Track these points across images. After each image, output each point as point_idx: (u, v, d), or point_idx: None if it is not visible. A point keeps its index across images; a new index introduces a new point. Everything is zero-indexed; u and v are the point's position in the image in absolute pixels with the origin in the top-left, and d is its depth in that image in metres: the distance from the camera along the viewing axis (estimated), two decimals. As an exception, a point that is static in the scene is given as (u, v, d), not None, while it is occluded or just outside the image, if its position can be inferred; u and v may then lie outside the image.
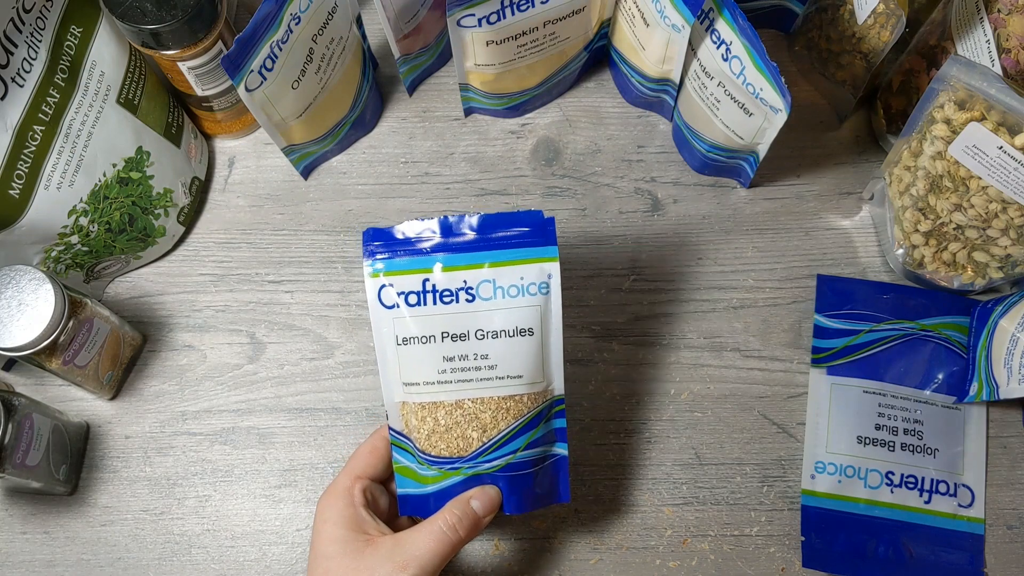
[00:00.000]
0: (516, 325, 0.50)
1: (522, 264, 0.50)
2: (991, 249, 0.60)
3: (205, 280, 0.67)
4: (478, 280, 0.50)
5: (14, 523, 0.61)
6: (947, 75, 0.54)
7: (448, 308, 0.50)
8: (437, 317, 0.50)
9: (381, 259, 0.50)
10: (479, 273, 0.50)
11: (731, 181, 0.69)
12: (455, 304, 0.50)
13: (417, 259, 0.50)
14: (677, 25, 0.59)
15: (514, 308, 0.50)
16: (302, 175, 0.69)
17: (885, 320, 0.64)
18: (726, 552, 0.60)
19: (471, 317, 0.50)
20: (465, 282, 0.50)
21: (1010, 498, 0.61)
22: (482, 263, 0.50)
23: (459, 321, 0.50)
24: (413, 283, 0.50)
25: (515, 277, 0.50)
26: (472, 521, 0.49)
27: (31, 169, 0.55)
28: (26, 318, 0.54)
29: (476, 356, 0.50)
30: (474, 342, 0.50)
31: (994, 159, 0.54)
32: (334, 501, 0.50)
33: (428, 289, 0.50)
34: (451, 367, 0.50)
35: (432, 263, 0.50)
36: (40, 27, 0.56)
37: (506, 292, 0.50)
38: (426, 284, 0.50)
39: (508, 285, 0.50)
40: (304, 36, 0.58)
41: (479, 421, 0.50)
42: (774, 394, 0.64)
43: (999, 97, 0.53)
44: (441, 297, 0.50)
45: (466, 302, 0.50)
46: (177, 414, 0.64)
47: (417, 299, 0.50)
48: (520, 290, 0.50)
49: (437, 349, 0.50)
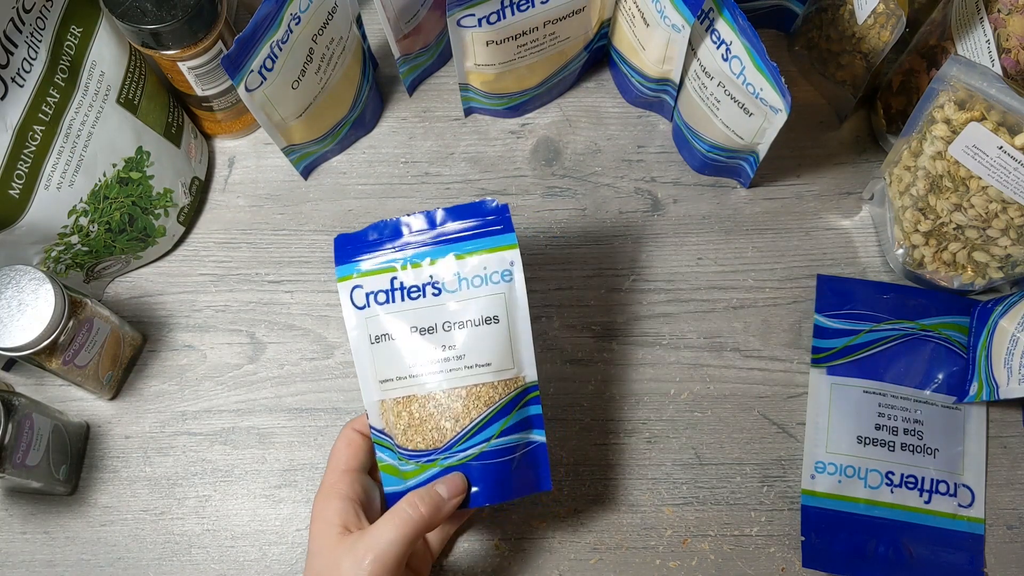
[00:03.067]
0: (482, 314, 0.52)
1: (484, 254, 0.52)
2: (991, 249, 0.60)
3: (205, 280, 0.67)
4: (442, 273, 0.52)
5: (14, 523, 0.61)
6: (947, 75, 0.54)
7: (416, 303, 0.52)
8: (406, 312, 0.52)
9: (351, 262, 0.52)
10: (443, 266, 0.52)
11: (731, 181, 0.69)
12: (422, 299, 0.52)
13: (384, 259, 0.52)
14: (677, 25, 0.59)
15: (479, 298, 0.52)
16: (302, 175, 0.69)
17: (885, 320, 0.64)
18: (726, 552, 0.60)
19: (438, 310, 0.52)
20: (431, 277, 0.52)
21: (1010, 498, 0.61)
22: (445, 255, 0.52)
23: (427, 315, 0.52)
24: (382, 283, 0.52)
25: (478, 267, 0.52)
26: (434, 500, 0.50)
27: (31, 169, 0.55)
28: (26, 318, 0.54)
29: (445, 347, 0.51)
30: (442, 334, 0.51)
31: (994, 159, 0.54)
32: (322, 500, 0.51)
33: (396, 287, 0.52)
34: (421, 360, 0.51)
35: (398, 262, 0.52)
36: (40, 27, 0.56)
37: (470, 283, 0.52)
38: (394, 282, 0.52)
39: (472, 276, 0.52)
40: (304, 36, 0.58)
41: (451, 411, 0.51)
42: (774, 394, 0.64)
43: (999, 97, 0.53)
44: (408, 293, 0.52)
45: (432, 296, 0.52)
46: (177, 414, 0.64)
47: (386, 297, 0.52)
48: (483, 279, 0.52)
49: (407, 343, 0.52)
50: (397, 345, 0.52)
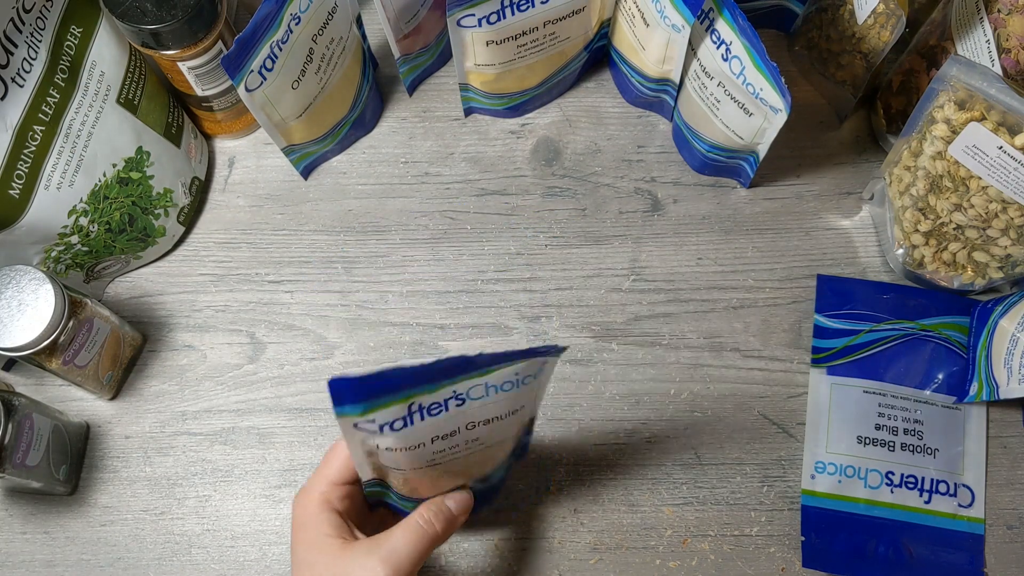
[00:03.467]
0: (510, 410, 0.47)
1: (517, 364, 0.45)
2: (991, 249, 0.60)
3: (205, 280, 0.67)
4: (468, 387, 0.44)
5: (14, 523, 0.61)
6: (947, 75, 0.54)
7: (437, 419, 0.45)
8: (425, 427, 0.45)
9: (359, 403, 0.42)
10: (470, 383, 0.44)
11: (731, 181, 0.69)
12: (444, 413, 0.45)
13: (402, 391, 0.43)
14: (677, 25, 0.59)
15: (507, 398, 0.46)
16: (302, 175, 0.69)
17: (885, 320, 0.64)
18: (726, 552, 0.60)
19: (460, 416, 0.45)
20: (455, 392, 0.44)
21: (1010, 498, 0.61)
22: (474, 375, 0.44)
23: (448, 423, 0.45)
24: (399, 411, 0.43)
25: (510, 375, 0.45)
26: (447, 517, 0.49)
27: (31, 169, 0.55)
28: (26, 318, 0.54)
29: (467, 443, 0.47)
30: (464, 433, 0.46)
31: (994, 159, 0.54)
32: (312, 509, 0.48)
33: (415, 411, 0.44)
34: (438, 459, 0.47)
35: (421, 390, 0.43)
36: (40, 27, 0.56)
37: (499, 389, 0.45)
38: (411, 407, 0.44)
39: (502, 383, 0.45)
40: (304, 36, 0.58)
41: (460, 475, 0.50)
42: (774, 394, 0.64)
43: (999, 97, 0.53)
44: (429, 411, 0.44)
45: (456, 407, 0.45)
46: (177, 414, 0.64)
47: (404, 423, 0.44)
48: (514, 384, 0.46)
49: (423, 450, 0.46)
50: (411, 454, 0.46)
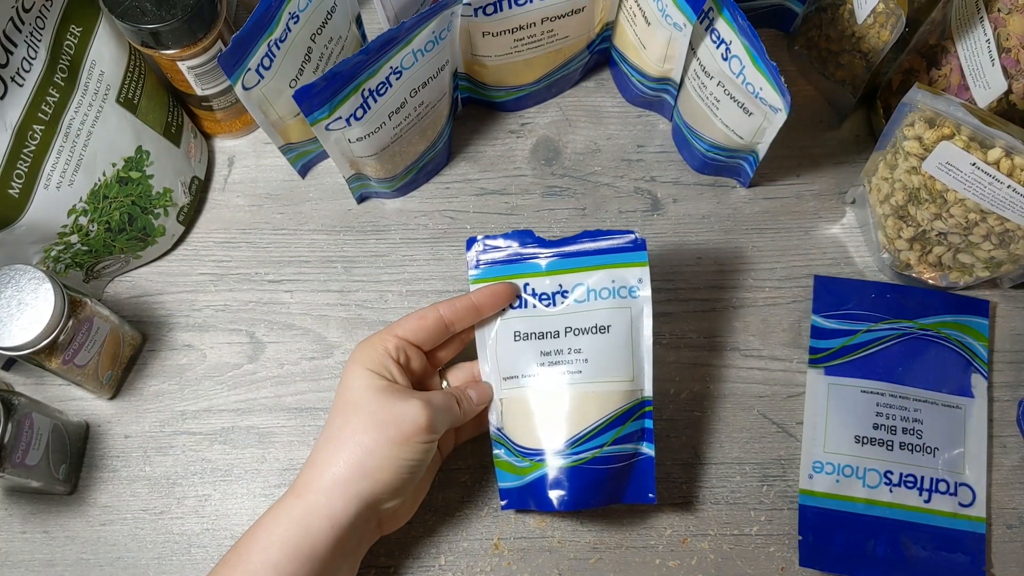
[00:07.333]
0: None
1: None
2: (975, 252, 0.60)
3: (205, 279, 0.67)
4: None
5: (14, 523, 0.61)
6: (913, 99, 0.55)
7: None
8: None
9: (324, 106, 0.54)
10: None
11: (731, 181, 0.69)
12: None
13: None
14: (679, 24, 0.59)
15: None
16: (299, 173, 0.69)
17: (882, 320, 0.64)
18: (726, 551, 0.60)
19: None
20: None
21: (1010, 497, 0.61)
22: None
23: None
24: (355, 101, 0.54)
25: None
26: (469, 398, 0.55)
27: (31, 169, 0.55)
28: (26, 317, 0.54)
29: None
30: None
31: (968, 175, 0.54)
32: (371, 351, 0.53)
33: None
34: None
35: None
36: (40, 26, 0.56)
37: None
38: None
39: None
40: (303, 35, 0.58)
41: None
42: (774, 393, 0.64)
43: (967, 119, 0.53)
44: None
45: (396, 81, 0.55)
46: (177, 414, 0.64)
47: (363, 109, 0.55)
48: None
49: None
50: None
